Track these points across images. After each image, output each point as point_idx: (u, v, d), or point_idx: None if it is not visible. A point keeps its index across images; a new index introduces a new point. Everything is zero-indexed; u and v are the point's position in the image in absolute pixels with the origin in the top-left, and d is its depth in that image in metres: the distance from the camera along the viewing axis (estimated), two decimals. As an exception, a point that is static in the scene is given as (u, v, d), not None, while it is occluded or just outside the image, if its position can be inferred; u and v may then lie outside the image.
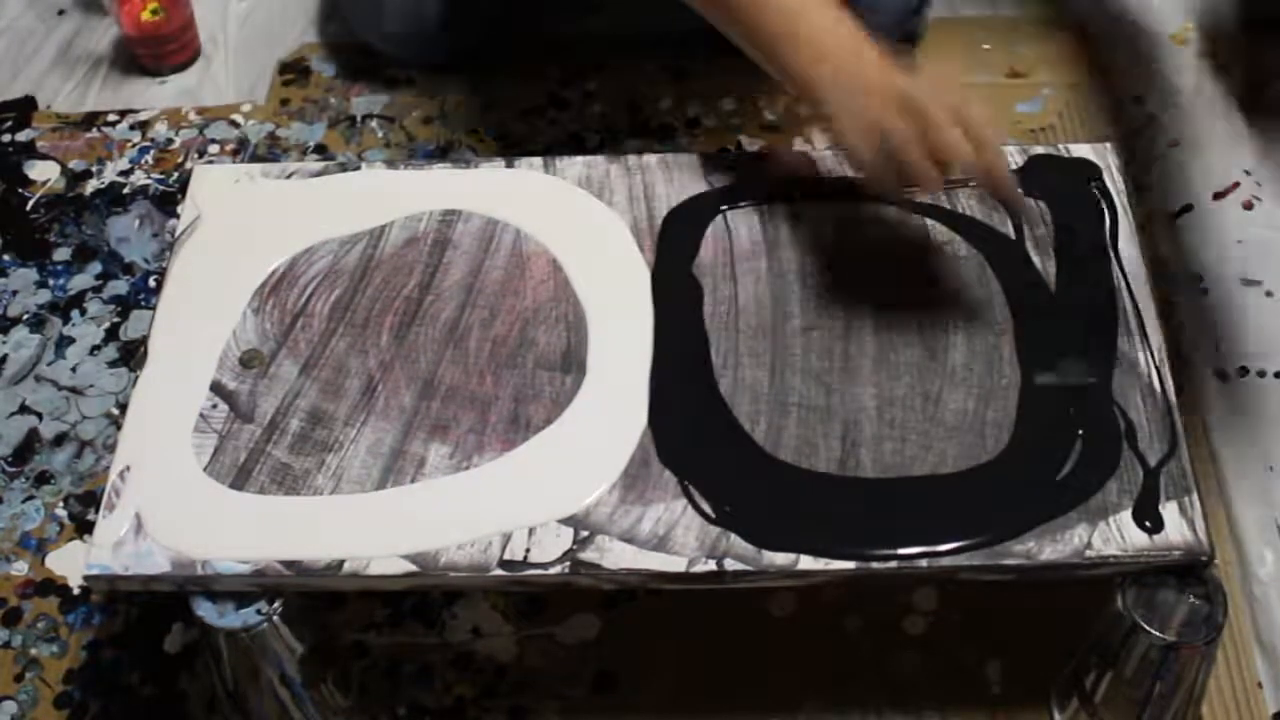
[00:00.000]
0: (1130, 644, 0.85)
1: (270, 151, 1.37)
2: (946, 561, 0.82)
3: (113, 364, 1.21)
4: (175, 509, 0.85)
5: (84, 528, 1.10)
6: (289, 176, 1.03)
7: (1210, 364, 1.16)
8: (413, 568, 0.83)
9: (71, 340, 1.23)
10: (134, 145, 1.39)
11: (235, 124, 1.40)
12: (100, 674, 1.03)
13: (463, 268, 0.97)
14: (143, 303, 1.25)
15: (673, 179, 1.01)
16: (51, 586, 1.08)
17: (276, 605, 0.85)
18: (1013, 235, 0.97)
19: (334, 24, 1.49)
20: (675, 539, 0.83)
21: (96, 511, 0.90)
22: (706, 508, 0.84)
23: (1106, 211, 0.98)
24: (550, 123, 1.38)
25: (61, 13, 1.54)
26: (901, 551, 0.82)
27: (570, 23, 1.43)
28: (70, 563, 1.09)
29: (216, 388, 0.91)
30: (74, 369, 1.21)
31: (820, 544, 0.82)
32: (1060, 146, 1.02)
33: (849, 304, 0.94)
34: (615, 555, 0.83)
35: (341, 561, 0.83)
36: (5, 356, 1.23)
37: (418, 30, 1.37)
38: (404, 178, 1.03)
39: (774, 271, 0.96)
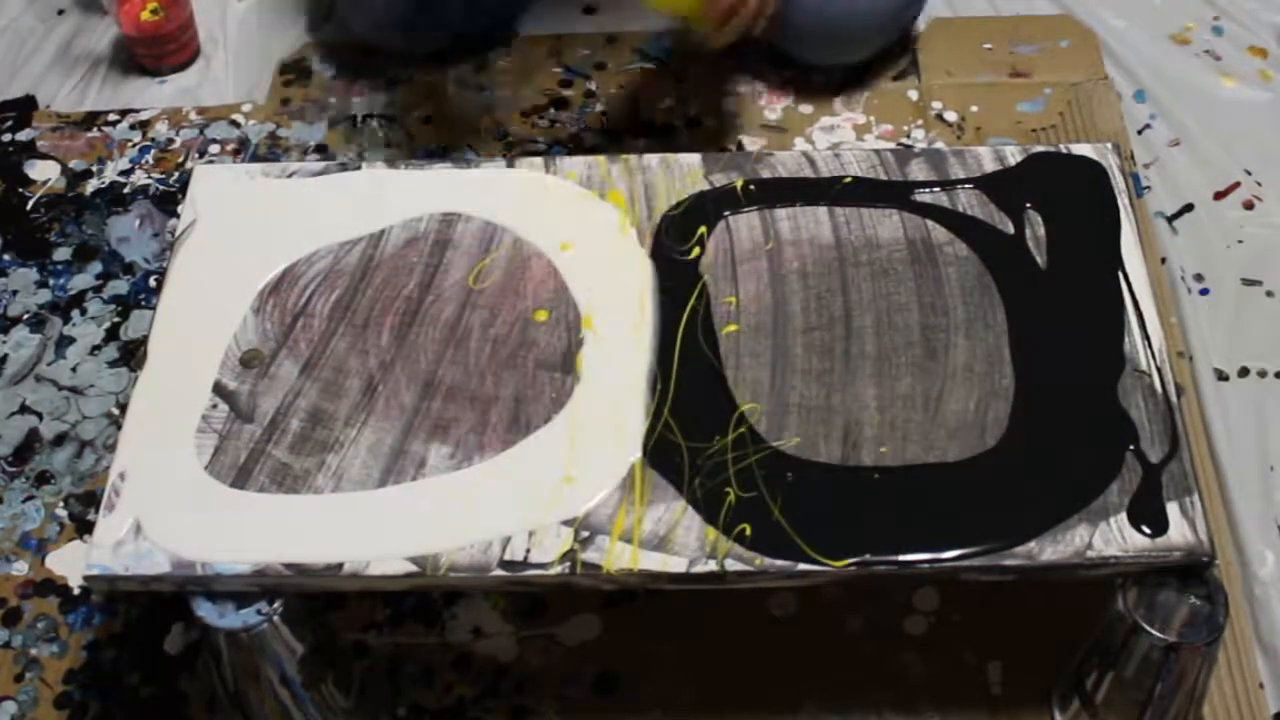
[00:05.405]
0: (1131, 645, 0.85)
1: (270, 151, 1.37)
2: (948, 562, 0.82)
3: (113, 364, 1.21)
4: (175, 509, 0.85)
5: (84, 528, 1.10)
6: (289, 176, 1.03)
7: (1210, 364, 1.16)
8: (413, 568, 0.82)
9: (72, 340, 1.23)
10: (134, 145, 1.39)
11: (235, 124, 1.40)
12: (100, 674, 1.03)
13: (463, 268, 0.97)
14: (143, 303, 1.25)
15: (673, 179, 1.01)
16: (51, 586, 1.08)
17: (276, 605, 0.84)
18: (1012, 234, 0.97)
19: (333, 24, 1.49)
20: (675, 539, 0.83)
21: (96, 511, 0.90)
22: (708, 507, 0.84)
23: (1107, 211, 0.98)
24: (550, 123, 1.38)
25: (61, 13, 1.54)
26: (902, 554, 0.82)
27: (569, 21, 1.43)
28: (70, 563, 1.09)
29: (217, 388, 0.91)
30: (74, 369, 1.21)
31: (824, 544, 0.82)
32: (1062, 146, 1.02)
33: (849, 304, 0.94)
34: (615, 555, 0.83)
35: (341, 562, 0.83)
36: (5, 356, 1.23)
37: (409, 20, 1.36)
38: (404, 178, 1.03)
39: (774, 271, 0.96)
